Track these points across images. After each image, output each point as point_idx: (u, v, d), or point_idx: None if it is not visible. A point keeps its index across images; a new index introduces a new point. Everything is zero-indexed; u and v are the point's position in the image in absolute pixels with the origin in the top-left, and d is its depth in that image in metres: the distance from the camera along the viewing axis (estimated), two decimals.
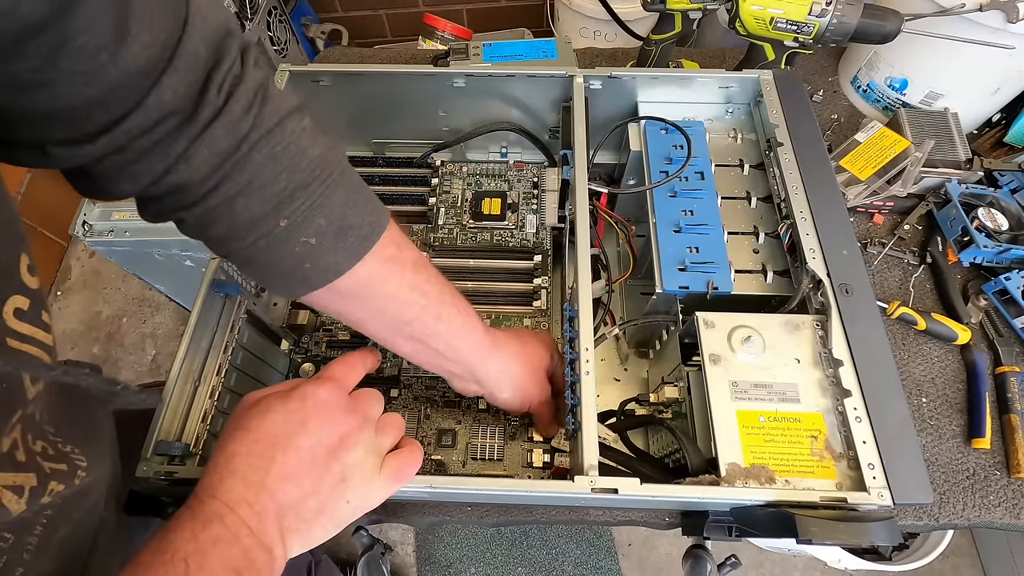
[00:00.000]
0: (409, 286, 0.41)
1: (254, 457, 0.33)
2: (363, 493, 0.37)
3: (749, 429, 0.43)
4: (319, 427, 0.35)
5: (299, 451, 0.34)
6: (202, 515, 0.31)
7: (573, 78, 0.60)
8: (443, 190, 0.72)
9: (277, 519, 0.33)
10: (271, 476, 0.33)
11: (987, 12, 0.63)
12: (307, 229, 0.35)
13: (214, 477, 0.33)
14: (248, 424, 0.35)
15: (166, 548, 0.29)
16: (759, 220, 0.56)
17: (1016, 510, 0.57)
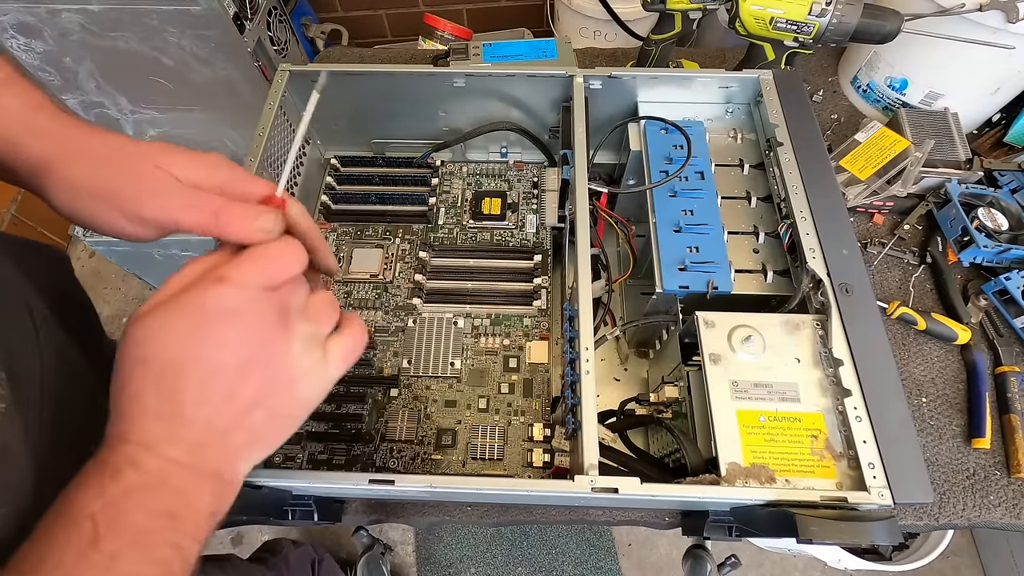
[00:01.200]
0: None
1: (164, 389, 0.28)
2: (314, 384, 0.33)
3: (749, 429, 0.43)
4: (236, 339, 0.29)
5: (217, 369, 0.29)
6: (111, 465, 0.27)
7: (573, 78, 0.60)
8: (443, 190, 0.72)
9: (221, 441, 0.29)
10: (189, 404, 0.28)
11: (987, 12, 0.63)
12: None
13: (123, 420, 0.28)
14: (144, 353, 0.29)
15: (67, 509, 0.26)
16: (759, 220, 0.57)
17: (1016, 510, 0.57)
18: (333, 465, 0.57)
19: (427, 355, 0.62)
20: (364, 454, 0.57)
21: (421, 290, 0.65)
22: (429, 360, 0.61)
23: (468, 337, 0.63)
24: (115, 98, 1.19)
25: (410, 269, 0.67)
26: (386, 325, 0.64)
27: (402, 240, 0.69)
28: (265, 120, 0.59)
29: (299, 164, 0.68)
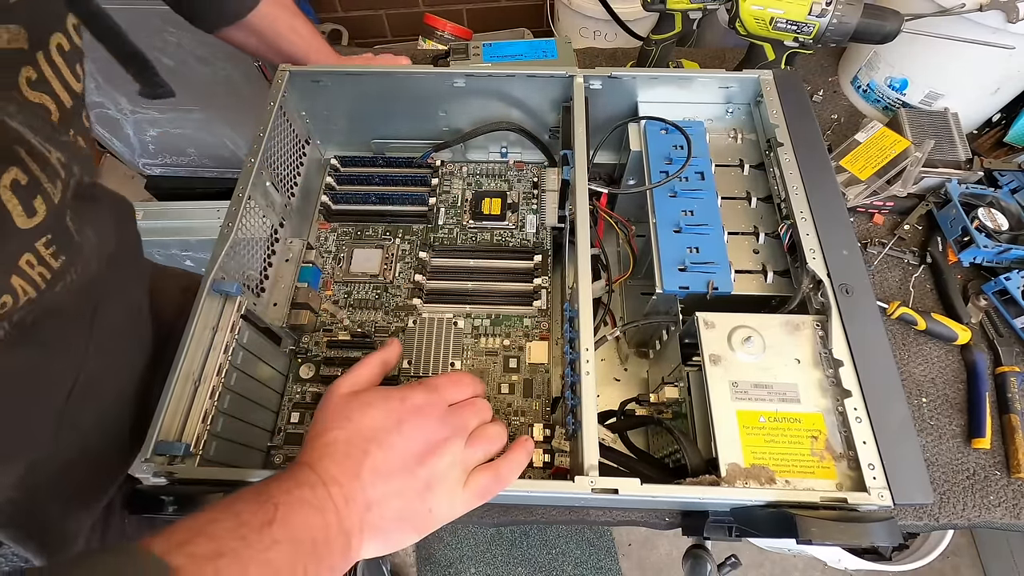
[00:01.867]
0: (290, 27, 0.63)
1: (352, 446, 0.35)
2: (446, 503, 0.37)
3: (749, 429, 0.43)
4: (413, 430, 0.37)
5: (392, 449, 0.35)
6: (299, 477, 0.33)
7: (573, 78, 0.60)
8: (443, 190, 0.72)
9: (362, 510, 0.34)
10: (364, 467, 0.34)
11: (987, 12, 0.63)
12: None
13: (313, 453, 0.35)
14: (349, 414, 0.37)
15: (263, 491, 0.32)
16: (759, 220, 0.56)
17: (1016, 510, 0.57)
18: None
19: (427, 355, 0.62)
20: None
21: (421, 290, 0.65)
22: (429, 360, 0.61)
23: (468, 337, 0.63)
24: (115, 98, 1.19)
25: (410, 269, 0.67)
26: (386, 325, 0.64)
27: (402, 240, 0.69)
28: (265, 120, 0.59)
29: (299, 164, 0.68)
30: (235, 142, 1.32)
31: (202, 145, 1.33)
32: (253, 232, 0.57)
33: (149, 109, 1.23)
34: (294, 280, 0.63)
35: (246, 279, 0.55)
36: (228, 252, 0.51)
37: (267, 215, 0.60)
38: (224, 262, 0.51)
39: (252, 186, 0.55)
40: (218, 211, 1.13)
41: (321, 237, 0.70)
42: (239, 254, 0.53)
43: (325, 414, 0.37)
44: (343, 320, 0.64)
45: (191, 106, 1.22)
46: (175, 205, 1.15)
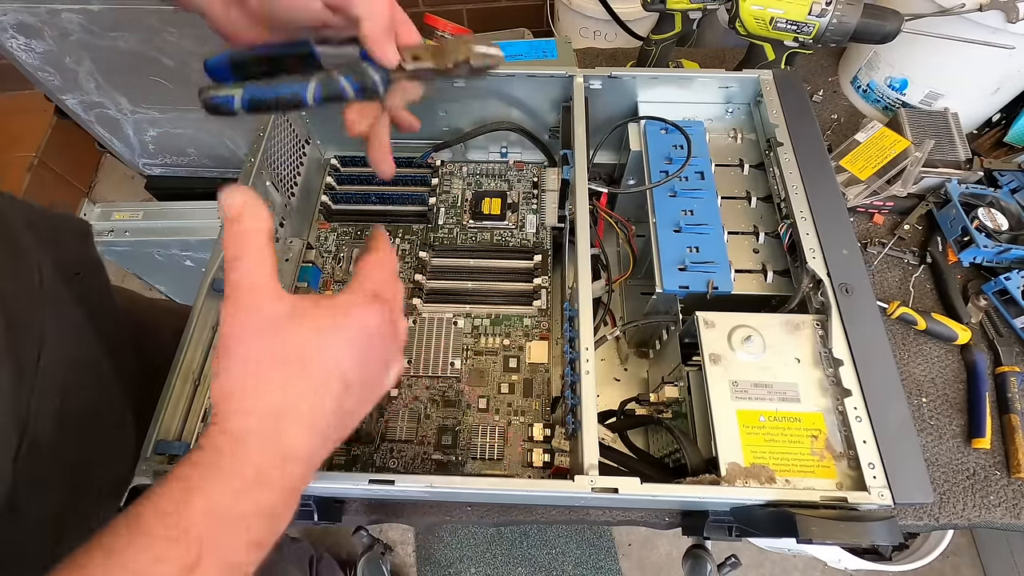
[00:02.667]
0: None
1: (301, 427, 0.29)
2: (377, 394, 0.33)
3: (749, 429, 0.43)
4: (374, 365, 0.32)
5: (342, 393, 0.30)
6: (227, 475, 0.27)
7: (573, 78, 0.60)
8: (443, 190, 0.72)
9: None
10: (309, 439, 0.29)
11: (987, 12, 0.63)
12: None
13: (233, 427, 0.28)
14: (288, 370, 0.30)
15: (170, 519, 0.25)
16: (759, 220, 0.57)
17: (1016, 510, 0.57)
18: (333, 465, 0.57)
19: (427, 355, 0.62)
20: (364, 454, 0.57)
21: (421, 290, 0.65)
22: (429, 360, 0.61)
23: (468, 337, 0.63)
24: (115, 98, 1.19)
25: (410, 269, 0.67)
26: None
27: (402, 240, 0.69)
28: (265, 120, 0.59)
29: (299, 164, 0.68)
30: (235, 142, 1.32)
31: (202, 145, 1.33)
32: None
33: (149, 109, 1.23)
34: (294, 280, 0.63)
35: None
36: None
37: None
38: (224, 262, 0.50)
39: (252, 186, 0.55)
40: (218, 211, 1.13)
41: (321, 237, 0.70)
42: None
43: (245, 331, 0.30)
44: None
45: (191, 106, 1.22)
46: (175, 205, 1.15)
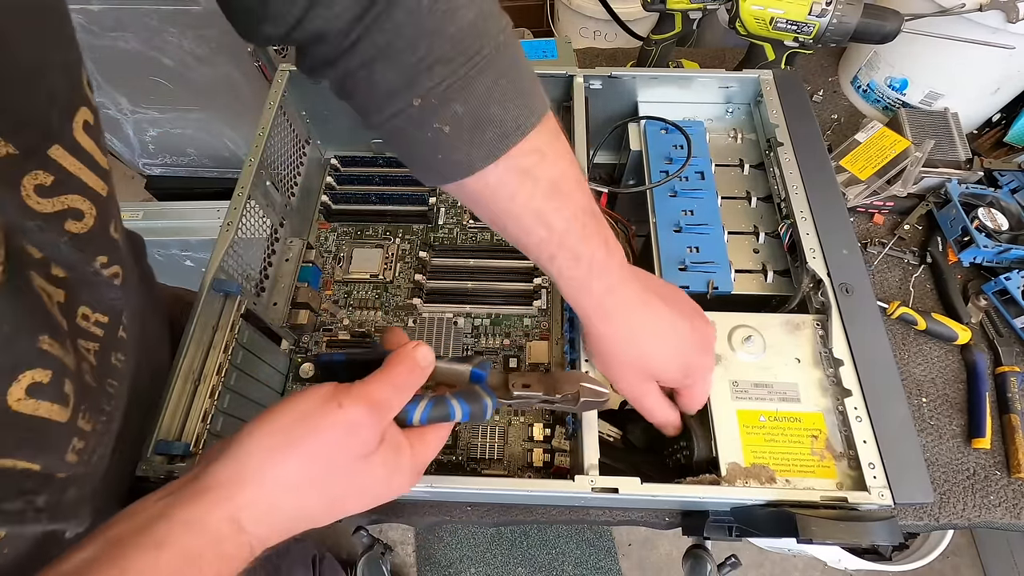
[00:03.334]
0: (534, 211, 0.35)
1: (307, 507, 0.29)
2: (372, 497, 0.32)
3: (749, 429, 0.43)
4: (345, 472, 0.30)
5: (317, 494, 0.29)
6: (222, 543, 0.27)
7: (573, 78, 0.60)
8: (443, 190, 0.72)
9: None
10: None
11: (987, 12, 0.63)
12: (442, 114, 0.31)
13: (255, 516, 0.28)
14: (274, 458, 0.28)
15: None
16: (759, 220, 0.56)
17: (1016, 510, 0.57)
18: None
19: None
20: None
21: (421, 290, 0.65)
22: None
23: (468, 337, 0.63)
24: (115, 98, 1.19)
25: (410, 269, 0.67)
26: (386, 325, 0.64)
27: (402, 240, 0.69)
28: (265, 120, 0.59)
29: (299, 164, 0.68)
30: (235, 142, 1.31)
31: (202, 145, 1.33)
32: (253, 232, 0.57)
33: (149, 109, 1.23)
34: (294, 280, 0.63)
35: (246, 279, 0.55)
36: (228, 252, 0.51)
37: (267, 215, 0.60)
38: (224, 262, 0.51)
39: (252, 186, 0.55)
40: (218, 211, 1.13)
41: (321, 237, 0.70)
42: (239, 254, 0.53)
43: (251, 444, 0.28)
44: (343, 320, 0.64)
45: (191, 106, 1.22)
46: (175, 205, 1.15)
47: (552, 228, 0.36)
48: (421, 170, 0.36)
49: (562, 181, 0.36)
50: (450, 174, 0.34)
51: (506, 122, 0.32)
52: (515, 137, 0.33)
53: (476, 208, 0.38)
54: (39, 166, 0.25)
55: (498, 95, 0.32)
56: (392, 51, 0.30)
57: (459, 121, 0.32)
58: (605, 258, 0.38)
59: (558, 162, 0.35)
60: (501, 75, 0.32)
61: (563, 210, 0.36)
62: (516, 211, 0.35)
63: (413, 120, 0.32)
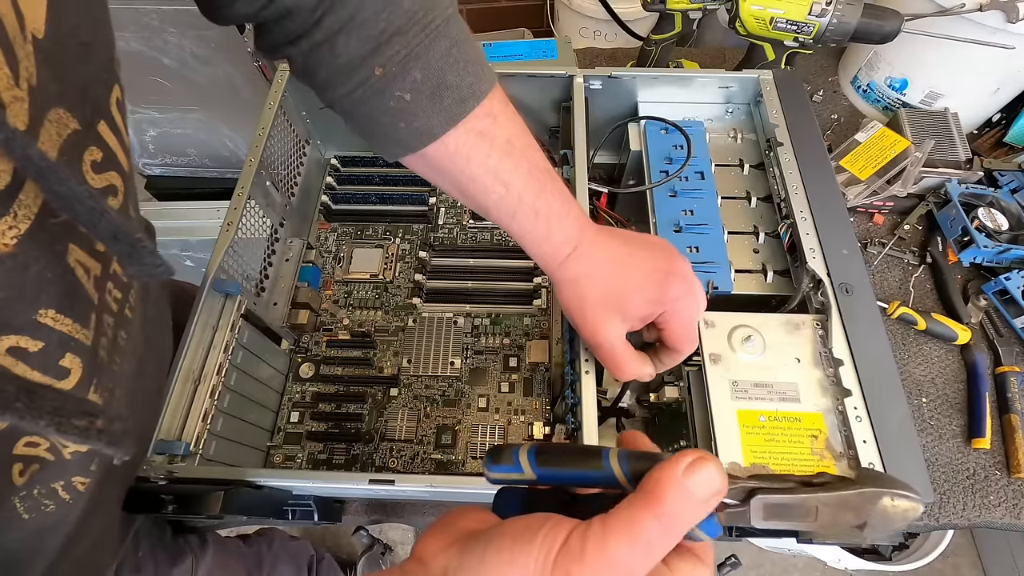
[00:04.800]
0: (492, 171, 0.37)
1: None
2: None
3: (749, 429, 0.43)
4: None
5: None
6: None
7: (573, 78, 0.60)
8: (443, 190, 0.72)
9: None
10: None
11: (987, 12, 0.63)
12: (402, 82, 0.33)
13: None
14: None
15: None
16: (759, 220, 0.56)
17: (1016, 510, 0.57)
18: (333, 465, 0.57)
19: (427, 354, 0.62)
20: (364, 454, 0.57)
21: (421, 290, 0.65)
22: (429, 359, 0.61)
23: (468, 336, 0.63)
24: None
25: (410, 269, 0.67)
26: (386, 325, 0.64)
27: (402, 240, 0.69)
28: (265, 120, 0.59)
29: (299, 164, 0.68)
30: (235, 142, 1.31)
31: (202, 145, 1.33)
32: (253, 232, 0.57)
33: (149, 109, 1.23)
34: (294, 280, 0.63)
35: (246, 279, 0.55)
36: (228, 252, 0.51)
37: (267, 215, 0.60)
38: (224, 262, 0.51)
39: (252, 186, 0.55)
40: (218, 211, 1.14)
41: (321, 237, 0.70)
42: (239, 254, 0.53)
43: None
44: (343, 320, 0.64)
45: (191, 106, 1.22)
46: (175, 205, 1.15)
47: (509, 185, 0.37)
48: (383, 143, 0.37)
49: (515, 140, 0.37)
50: (413, 143, 0.35)
51: (462, 88, 0.34)
52: (472, 102, 0.35)
53: (437, 176, 0.39)
54: (94, 142, 0.25)
55: (452, 62, 0.34)
56: (354, 24, 0.32)
57: (419, 88, 0.33)
58: (562, 209, 0.39)
59: (509, 124, 0.37)
60: (453, 44, 0.34)
61: (519, 168, 0.37)
62: (474, 172, 0.37)
63: (375, 90, 0.33)
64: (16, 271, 0.22)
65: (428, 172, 0.39)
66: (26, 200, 0.21)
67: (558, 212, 0.39)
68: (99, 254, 0.28)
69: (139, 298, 0.36)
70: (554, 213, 0.39)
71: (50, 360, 0.25)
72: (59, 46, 0.22)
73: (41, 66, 0.21)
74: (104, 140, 0.26)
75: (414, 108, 0.34)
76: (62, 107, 0.23)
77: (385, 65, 0.33)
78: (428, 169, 0.38)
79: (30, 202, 0.22)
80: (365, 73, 0.33)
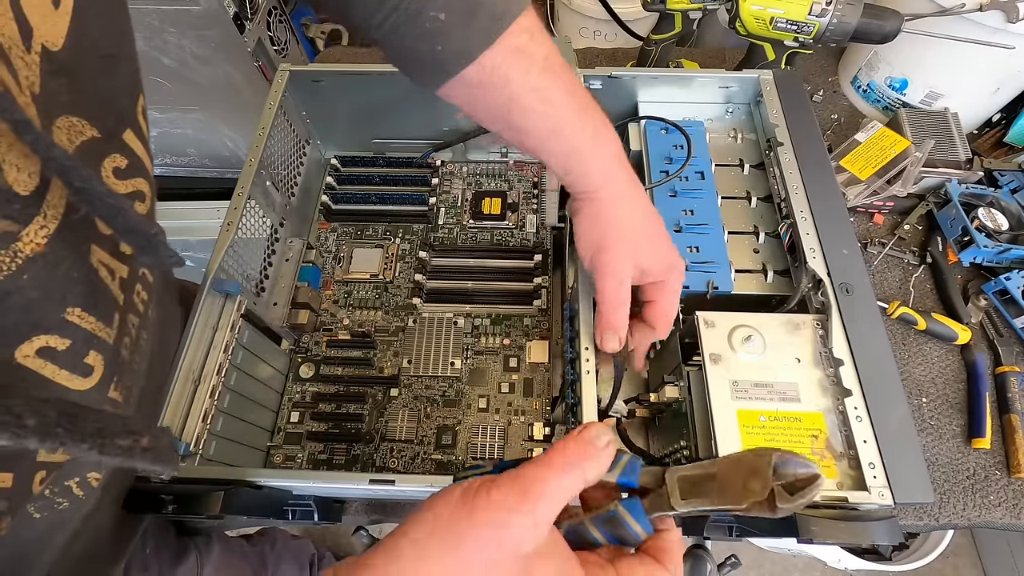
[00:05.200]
0: (533, 88, 0.36)
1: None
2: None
3: (750, 429, 0.43)
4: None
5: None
6: None
7: None
8: (443, 190, 0.72)
9: None
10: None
11: (987, 12, 0.63)
12: (435, 1, 0.33)
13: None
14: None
15: None
16: (759, 220, 0.56)
17: (1016, 510, 0.57)
18: (333, 465, 0.57)
19: (427, 355, 0.62)
20: (364, 454, 0.57)
21: (421, 290, 0.65)
22: (429, 360, 0.61)
23: (468, 337, 0.63)
24: None
25: (410, 269, 0.67)
26: (386, 325, 0.64)
27: (402, 240, 0.69)
28: (265, 120, 0.59)
29: (299, 164, 0.68)
30: (235, 142, 1.31)
31: (202, 145, 1.33)
32: (253, 232, 0.57)
33: (149, 109, 1.23)
34: (294, 280, 0.63)
35: (246, 279, 0.55)
36: (228, 252, 0.51)
37: (267, 215, 0.60)
38: (224, 262, 0.51)
39: (252, 186, 0.55)
40: (218, 211, 1.13)
41: (321, 237, 0.70)
42: (239, 254, 0.53)
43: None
44: (343, 320, 0.64)
45: (191, 106, 1.22)
46: (175, 205, 1.15)
47: (551, 102, 0.37)
48: (422, 71, 0.37)
49: (552, 57, 0.37)
50: (452, 66, 0.35)
51: (496, 5, 0.34)
52: (507, 20, 0.35)
53: (477, 107, 0.38)
54: (117, 150, 0.26)
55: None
56: None
57: (452, 6, 0.33)
58: (605, 126, 0.40)
59: (546, 41, 0.37)
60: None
61: (558, 83, 0.37)
62: (515, 91, 0.36)
63: (411, 13, 0.33)
64: (47, 270, 0.23)
65: (467, 100, 0.38)
66: (53, 200, 0.22)
67: (603, 126, 0.39)
68: (125, 257, 0.28)
69: (156, 298, 0.36)
70: (600, 127, 0.39)
71: (76, 358, 0.26)
72: (79, 59, 0.23)
73: (49, 76, 0.22)
74: (130, 147, 0.27)
75: (449, 28, 0.34)
76: (75, 115, 0.23)
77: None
78: (468, 96, 0.38)
79: (56, 202, 0.23)
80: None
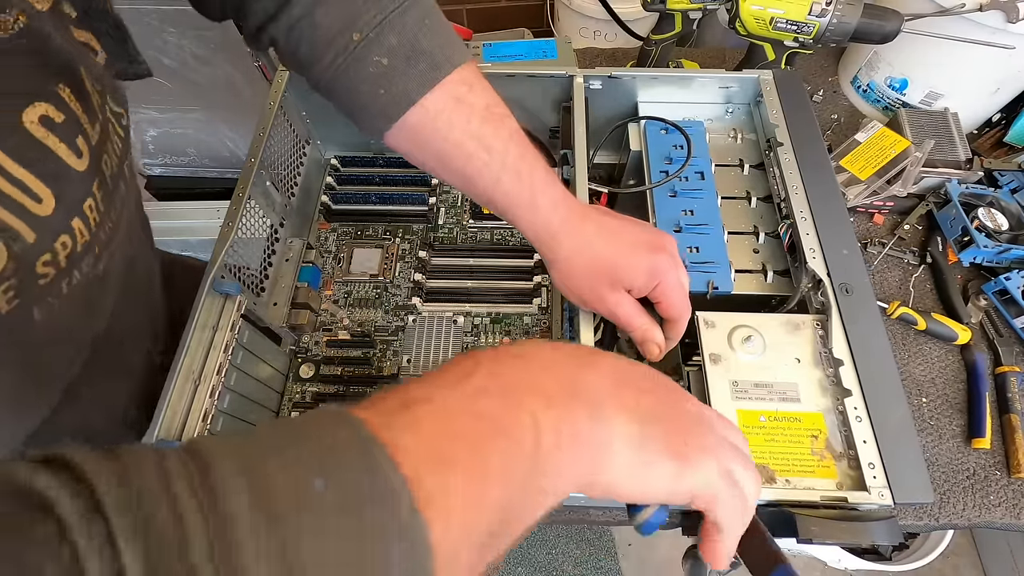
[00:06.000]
0: (474, 135, 0.38)
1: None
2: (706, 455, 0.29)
3: (750, 429, 0.43)
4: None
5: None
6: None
7: (573, 78, 0.60)
8: (443, 190, 0.72)
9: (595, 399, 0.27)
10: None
11: (987, 12, 0.63)
12: (379, 47, 0.36)
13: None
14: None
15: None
16: (759, 220, 0.57)
17: (1016, 510, 0.57)
18: None
19: (427, 354, 0.62)
20: None
21: (421, 289, 0.65)
22: (429, 359, 0.61)
23: (468, 336, 0.63)
24: None
25: (410, 268, 0.67)
26: (386, 324, 0.64)
27: (402, 240, 0.69)
28: (265, 120, 0.59)
29: (299, 164, 0.68)
30: (235, 142, 1.31)
31: (202, 145, 1.33)
32: (253, 232, 0.57)
33: (149, 109, 1.23)
34: (294, 280, 0.63)
35: (246, 279, 0.55)
36: (228, 252, 0.51)
37: (267, 215, 0.60)
38: (224, 262, 0.51)
39: (252, 186, 0.55)
40: (218, 211, 1.13)
41: (321, 237, 0.70)
42: (239, 254, 0.53)
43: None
44: (343, 320, 0.64)
45: (191, 106, 1.22)
46: (175, 205, 1.15)
47: (492, 150, 0.38)
48: (367, 116, 0.39)
49: (494, 107, 0.39)
50: (393, 110, 0.37)
51: (436, 54, 0.37)
52: (446, 68, 0.37)
53: (420, 149, 0.40)
54: None
55: (425, 30, 0.37)
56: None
57: (395, 52, 0.36)
58: (545, 175, 0.40)
59: (486, 93, 0.39)
60: (425, 15, 0.37)
61: (500, 132, 0.39)
62: (457, 138, 0.38)
63: (355, 57, 0.36)
64: (41, 40, 0.25)
65: (412, 146, 0.40)
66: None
67: (542, 177, 0.40)
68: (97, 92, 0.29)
69: (124, 211, 0.36)
70: (538, 177, 0.40)
71: (71, 136, 0.27)
72: None
73: None
74: None
75: (391, 73, 0.36)
76: None
77: (362, 30, 0.35)
78: (412, 142, 0.39)
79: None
80: (344, 41, 0.35)
